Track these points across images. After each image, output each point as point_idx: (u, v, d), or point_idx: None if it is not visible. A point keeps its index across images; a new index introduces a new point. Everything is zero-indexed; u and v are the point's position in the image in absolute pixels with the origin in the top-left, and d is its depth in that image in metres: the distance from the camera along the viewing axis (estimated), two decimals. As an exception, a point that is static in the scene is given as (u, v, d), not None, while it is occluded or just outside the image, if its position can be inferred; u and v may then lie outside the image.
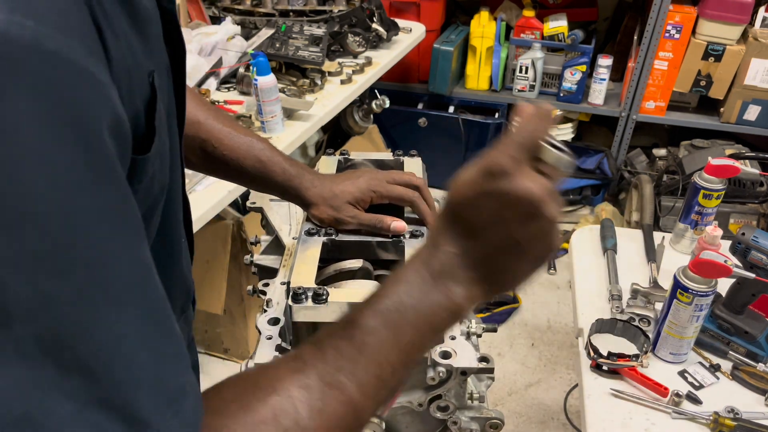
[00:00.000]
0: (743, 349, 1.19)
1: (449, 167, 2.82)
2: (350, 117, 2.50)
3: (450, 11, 3.26)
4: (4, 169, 0.29)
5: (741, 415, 1.07)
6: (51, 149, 0.30)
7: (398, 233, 0.84)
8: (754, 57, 2.63)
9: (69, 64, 0.31)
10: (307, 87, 2.09)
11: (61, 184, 0.31)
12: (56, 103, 0.31)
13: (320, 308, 0.71)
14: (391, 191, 0.86)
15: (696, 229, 1.42)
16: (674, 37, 2.69)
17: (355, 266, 0.82)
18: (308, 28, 2.21)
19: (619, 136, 3.03)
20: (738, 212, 2.48)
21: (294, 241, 0.98)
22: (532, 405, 2.16)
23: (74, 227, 0.32)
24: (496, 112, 3.14)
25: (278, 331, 0.79)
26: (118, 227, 0.35)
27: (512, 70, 3.08)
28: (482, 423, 0.83)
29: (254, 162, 0.84)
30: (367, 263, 0.84)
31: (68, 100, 0.31)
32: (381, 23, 2.44)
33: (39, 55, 0.30)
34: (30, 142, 0.30)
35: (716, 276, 1.08)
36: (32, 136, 0.30)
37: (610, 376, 1.15)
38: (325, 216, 0.85)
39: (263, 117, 1.79)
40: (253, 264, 1.01)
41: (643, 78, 2.82)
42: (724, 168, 1.34)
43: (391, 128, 3.14)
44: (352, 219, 0.84)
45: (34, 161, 0.30)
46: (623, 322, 1.22)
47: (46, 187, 0.30)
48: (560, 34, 2.94)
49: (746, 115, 2.80)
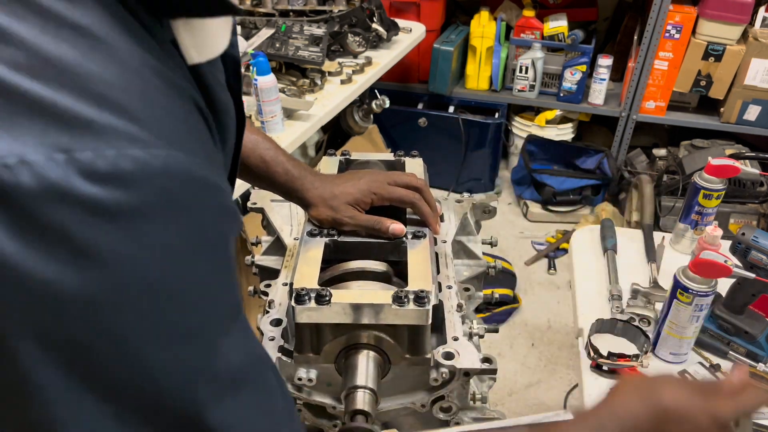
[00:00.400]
0: (743, 349, 1.19)
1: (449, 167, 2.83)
2: (350, 117, 2.50)
3: (450, 11, 3.26)
4: (170, 289, 0.33)
5: (741, 415, 1.07)
6: (202, 270, 0.36)
7: (396, 236, 0.84)
8: (754, 57, 2.63)
9: (212, 188, 0.36)
10: (307, 87, 2.09)
11: (205, 295, 0.36)
12: (205, 226, 0.35)
13: (323, 309, 0.71)
14: (391, 193, 0.86)
15: (696, 229, 1.42)
16: (674, 37, 2.69)
17: (378, 269, 0.82)
18: (308, 28, 2.21)
19: (619, 136, 3.04)
20: (738, 212, 2.48)
21: (295, 242, 0.98)
22: (532, 405, 2.17)
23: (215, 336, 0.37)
24: (496, 112, 3.14)
25: (281, 332, 0.79)
26: (238, 321, 0.40)
27: (512, 70, 3.08)
28: (484, 423, 0.83)
29: (258, 161, 0.84)
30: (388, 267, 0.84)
31: (212, 221, 0.36)
32: (381, 23, 2.44)
33: (193, 183, 0.34)
34: (188, 264, 0.35)
35: (716, 276, 1.08)
36: (189, 259, 0.35)
37: (610, 376, 1.15)
38: (324, 217, 0.85)
39: (263, 117, 1.79)
40: (254, 265, 1.01)
41: (643, 78, 2.82)
42: (724, 168, 1.35)
43: (391, 128, 3.14)
44: (350, 220, 0.84)
45: (192, 282, 0.35)
46: (623, 322, 1.22)
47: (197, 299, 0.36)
48: (560, 34, 2.94)
49: (746, 115, 2.80)
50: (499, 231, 2.97)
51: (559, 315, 2.53)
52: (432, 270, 0.78)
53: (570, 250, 1.53)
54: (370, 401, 0.70)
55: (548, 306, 2.58)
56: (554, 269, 2.76)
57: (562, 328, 2.48)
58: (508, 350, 2.38)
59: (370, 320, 0.72)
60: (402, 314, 0.71)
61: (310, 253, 0.81)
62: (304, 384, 0.77)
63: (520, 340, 2.42)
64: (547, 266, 2.79)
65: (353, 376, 0.72)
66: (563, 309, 2.55)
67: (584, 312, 1.30)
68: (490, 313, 2.45)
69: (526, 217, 3.08)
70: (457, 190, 3.03)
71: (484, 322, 0.88)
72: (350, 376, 0.72)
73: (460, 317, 0.82)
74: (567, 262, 2.01)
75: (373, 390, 0.71)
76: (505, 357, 2.34)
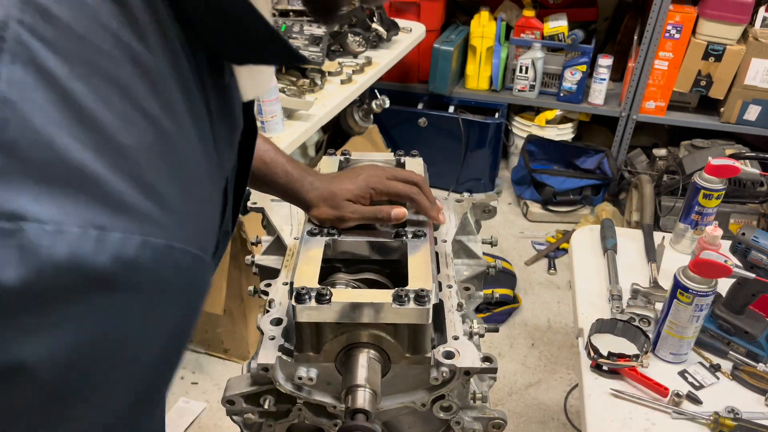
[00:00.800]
0: (743, 349, 1.19)
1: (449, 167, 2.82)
2: (350, 117, 2.50)
3: (450, 11, 3.26)
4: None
5: (741, 415, 1.07)
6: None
7: (399, 219, 0.84)
8: (754, 57, 2.63)
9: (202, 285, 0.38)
10: (307, 87, 2.09)
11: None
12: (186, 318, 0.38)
13: (323, 308, 0.71)
14: (389, 187, 0.86)
15: (696, 229, 1.42)
16: (674, 37, 2.69)
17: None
18: (308, 28, 2.21)
19: (619, 136, 3.04)
20: (738, 212, 2.48)
21: (295, 242, 0.98)
22: (532, 405, 2.16)
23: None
24: (496, 112, 3.14)
25: (281, 332, 0.79)
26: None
27: (512, 70, 3.08)
28: (485, 423, 0.83)
29: (258, 162, 0.84)
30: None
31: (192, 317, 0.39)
32: (381, 23, 2.45)
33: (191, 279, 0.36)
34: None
35: (716, 276, 1.08)
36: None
37: (610, 376, 1.15)
38: (326, 216, 0.85)
39: (263, 117, 1.79)
40: (254, 264, 1.01)
41: (643, 78, 2.83)
42: (724, 168, 1.35)
43: (391, 128, 3.14)
44: (353, 214, 0.85)
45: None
46: (623, 322, 1.22)
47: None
48: (560, 34, 2.94)
49: (746, 115, 2.80)
50: (499, 231, 2.97)
51: (559, 315, 2.53)
52: (432, 269, 0.78)
53: (570, 250, 1.53)
54: (370, 400, 0.70)
55: (548, 306, 2.58)
56: (554, 269, 2.76)
57: (562, 328, 2.48)
58: (508, 350, 2.38)
59: (370, 319, 0.72)
60: (402, 313, 0.71)
61: (310, 252, 0.81)
62: (305, 383, 0.77)
63: (520, 340, 2.42)
64: (547, 266, 2.79)
65: (353, 374, 0.72)
66: (563, 309, 2.55)
67: (584, 312, 1.30)
68: (490, 313, 2.45)
69: (526, 217, 3.08)
70: (457, 190, 3.03)
71: (485, 321, 0.88)
72: (350, 374, 0.73)
73: (460, 316, 0.82)
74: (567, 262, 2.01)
75: (374, 389, 0.71)
76: (505, 357, 2.34)
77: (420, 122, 3.11)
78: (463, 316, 0.83)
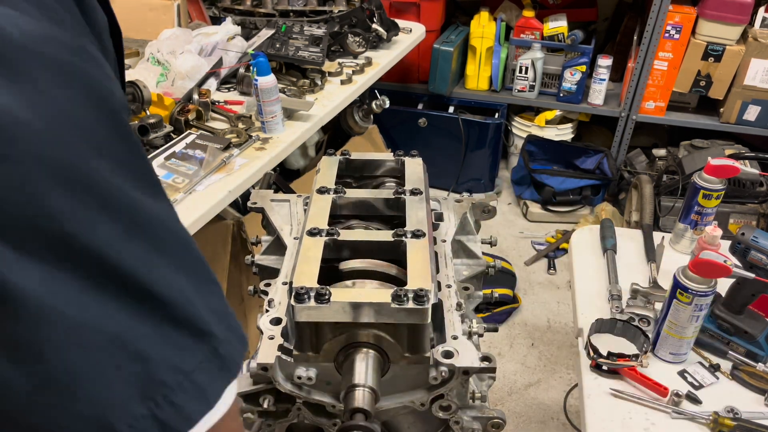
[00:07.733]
0: (743, 349, 1.19)
1: (449, 167, 2.82)
2: (350, 117, 2.50)
3: (450, 11, 3.26)
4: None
5: (740, 414, 1.07)
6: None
7: None
8: (753, 57, 2.64)
9: (88, 55, 0.38)
10: (307, 87, 2.09)
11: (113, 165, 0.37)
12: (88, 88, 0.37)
13: (323, 308, 0.71)
14: None
15: (696, 229, 1.42)
16: (674, 38, 2.69)
17: (390, 271, 0.82)
18: (308, 28, 2.21)
19: (619, 136, 3.04)
20: (738, 212, 2.48)
21: (295, 241, 0.98)
22: (531, 405, 2.17)
23: (133, 199, 0.37)
24: (496, 112, 3.14)
25: (280, 331, 0.80)
26: (157, 188, 0.41)
27: (512, 70, 3.09)
28: (484, 422, 0.83)
29: None
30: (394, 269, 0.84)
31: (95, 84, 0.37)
32: (381, 23, 2.45)
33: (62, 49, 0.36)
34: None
35: (716, 276, 1.08)
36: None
37: (609, 376, 1.15)
38: None
39: (263, 117, 1.79)
40: (254, 264, 1.01)
41: (642, 78, 2.83)
42: (723, 168, 1.35)
43: (391, 128, 3.14)
44: None
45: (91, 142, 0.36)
46: (623, 322, 1.22)
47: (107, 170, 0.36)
48: (560, 35, 2.95)
49: (746, 115, 2.80)
50: (499, 231, 2.97)
51: (559, 315, 2.54)
52: (431, 269, 0.78)
53: (570, 250, 1.53)
54: (369, 400, 0.70)
55: (548, 306, 2.58)
56: (554, 269, 2.77)
57: (562, 328, 2.48)
58: (507, 350, 2.38)
59: (369, 319, 0.72)
60: (401, 313, 0.71)
61: (309, 252, 0.81)
62: (304, 382, 0.77)
63: (520, 340, 2.42)
64: (547, 266, 2.79)
65: (352, 374, 0.72)
66: (563, 309, 2.56)
67: (584, 312, 1.30)
68: (490, 313, 2.46)
69: (525, 217, 3.09)
70: (457, 190, 3.03)
71: (484, 321, 0.88)
72: (350, 374, 0.73)
73: (459, 316, 0.82)
74: (567, 262, 2.01)
75: (373, 388, 0.71)
76: (504, 357, 2.34)
77: (420, 122, 3.12)
78: (463, 315, 0.83)
